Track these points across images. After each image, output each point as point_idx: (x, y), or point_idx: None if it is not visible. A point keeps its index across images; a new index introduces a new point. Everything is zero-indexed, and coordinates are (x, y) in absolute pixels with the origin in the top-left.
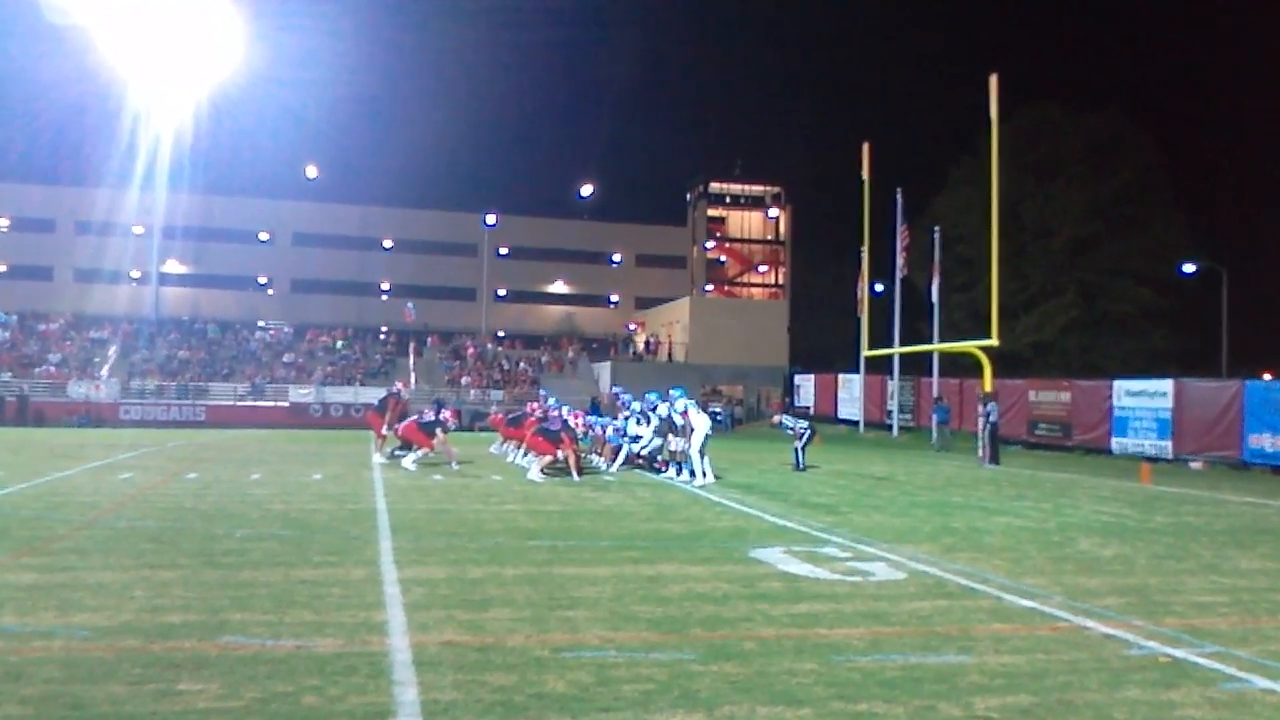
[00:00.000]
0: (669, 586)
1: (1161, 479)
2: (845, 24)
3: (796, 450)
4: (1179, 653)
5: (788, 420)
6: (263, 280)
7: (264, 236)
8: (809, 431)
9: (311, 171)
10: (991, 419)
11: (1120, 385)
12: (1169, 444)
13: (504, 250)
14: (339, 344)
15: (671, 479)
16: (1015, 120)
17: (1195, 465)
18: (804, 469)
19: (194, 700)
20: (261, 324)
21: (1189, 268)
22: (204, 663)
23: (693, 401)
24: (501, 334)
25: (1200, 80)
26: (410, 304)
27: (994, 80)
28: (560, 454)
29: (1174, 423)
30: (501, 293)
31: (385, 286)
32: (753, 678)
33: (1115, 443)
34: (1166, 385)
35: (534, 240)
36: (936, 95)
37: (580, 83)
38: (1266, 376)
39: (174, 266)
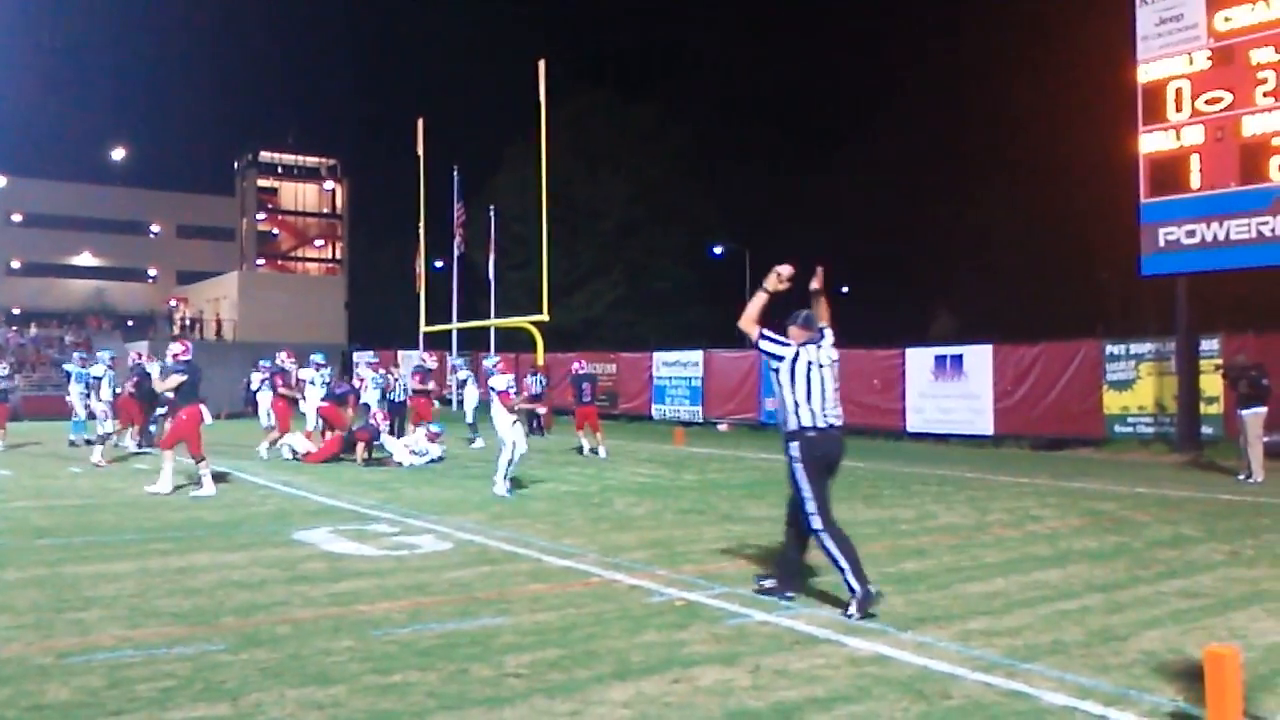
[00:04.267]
0: (199, 577)
1: (693, 441)
2: None
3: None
4: (693, 596)
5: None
6: None
7: None
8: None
9: None
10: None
11: (659, 356)
12: (700, 409)
13: (18, 217)
14: None
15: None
16: (568, 106)
17: (722, 428)
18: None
19: None
20: None
21: (718, 249)
22: None
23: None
24: (17, 311)
25: (728, 76)
26: None
27: (542, 65)
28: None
29: (704, 390)
30: (16, 265)
31: None
32: (285, 662)
33: (655, 409)
34: (697, 356)
35: (57, 207)
36: (494, 76)
37: (115, 36)
38: None
39: None
